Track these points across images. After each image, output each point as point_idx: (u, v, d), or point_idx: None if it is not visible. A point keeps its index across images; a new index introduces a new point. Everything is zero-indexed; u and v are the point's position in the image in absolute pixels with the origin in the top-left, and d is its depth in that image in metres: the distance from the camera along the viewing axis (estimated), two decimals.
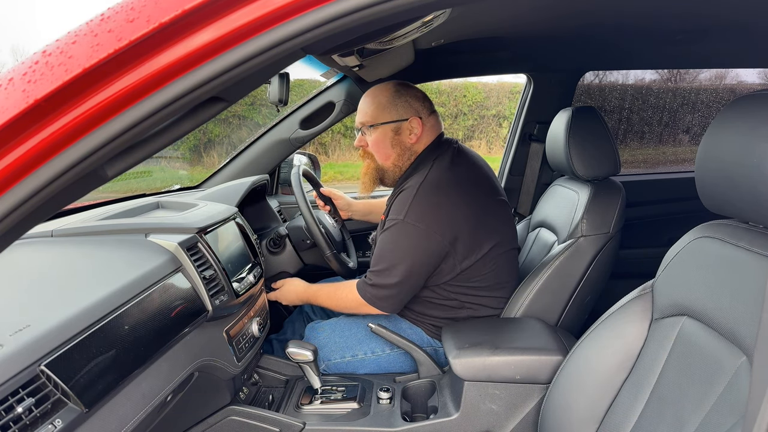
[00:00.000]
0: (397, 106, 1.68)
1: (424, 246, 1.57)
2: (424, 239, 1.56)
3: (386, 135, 1.69)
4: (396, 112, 1.68)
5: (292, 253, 2.02)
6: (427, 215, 1.56)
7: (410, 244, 1.57)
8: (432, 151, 1.70)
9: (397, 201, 1.63)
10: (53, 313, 0.96)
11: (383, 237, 1.63)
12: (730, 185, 0.94)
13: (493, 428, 1.46)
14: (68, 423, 0.88)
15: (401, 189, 1.65)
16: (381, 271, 1.60)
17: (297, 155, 2.49)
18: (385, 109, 1.69)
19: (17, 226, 0.59)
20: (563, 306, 1.67)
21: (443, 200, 1.59)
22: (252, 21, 0.57)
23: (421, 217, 1.56)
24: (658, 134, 3.50)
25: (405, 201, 1.59)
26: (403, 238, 1.58)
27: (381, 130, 1.70)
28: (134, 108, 0.58)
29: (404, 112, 1.68)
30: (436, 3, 0.64)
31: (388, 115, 1.69)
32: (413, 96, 1.70)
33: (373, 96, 1.72)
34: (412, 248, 1.58)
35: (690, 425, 0.91)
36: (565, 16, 1.62)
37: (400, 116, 1.68)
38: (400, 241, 1.58)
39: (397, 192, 1.67)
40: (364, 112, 1.72)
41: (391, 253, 1.59)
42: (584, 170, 1.71)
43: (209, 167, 3.62)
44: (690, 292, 1.03)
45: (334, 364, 1.73)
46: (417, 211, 1.56)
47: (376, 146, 1.71)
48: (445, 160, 1.67)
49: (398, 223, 1.58)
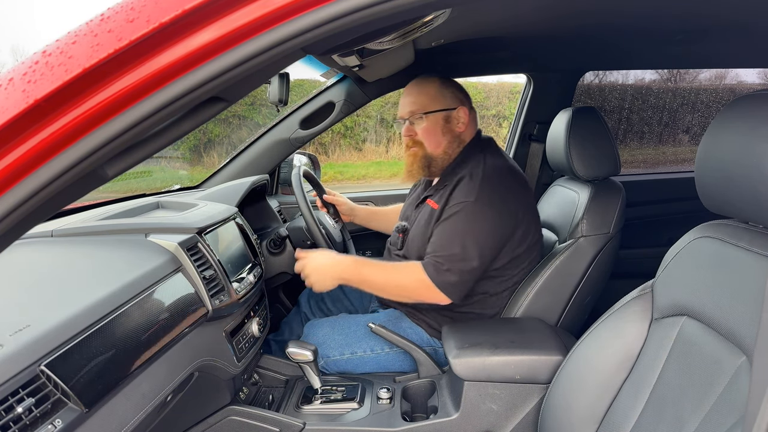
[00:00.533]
0: (446, 96, 1.73)
1: (495, 228, 1.58)
2: (497, 222, 1.58)
3: (437, 123, 1.72)
4: (445, 101, 1.72)
5: (292, 254, 2.02)
6: (496, 199, 1.59)
7: (485, 227, 1.57)
8: (477, 143, 1.75)
9: (462, 186, 1.62)
10: (53, 313, 0.96)
11: (452, 221, 1.59)
12: (730, 185, 0.94)
13: (493, 428, 1.46)
14: (68, 423, 0.88)
15: (458, 177, 1.66)
16: (455, 255, 1.55)
17: (297, 155, 2.49)
18: (435, 98, 1.72)
19: (17, 226, 0.59)
20: (563, 306, 1.67)
21: (510, 185, 1.64)
22: (252, 21, 0.57)
23: (492, 201, 1.58)
24: (658, 134, 3.50)
25: (473, 185, 1.60)
26: (479, 219, 1.57)
27: (432, 119, 1.72)
28: (134, 108, 0.58)
29: (452, 101, 1.73)
30: (436, 3, 0.64)
31: (438, 104, 1.72)
32: (457, 88, 1.76)
33: (421, 86, 1.75)
34: (487, 230, 1.57)
35: (690, 425, 0.91)
36: (565, 16, 1.62)
37: (450, 105, 1.72)
38: (476, 223, 1.57)
39: (454, 180, 1.66)
40: (411, 102, 1.74)
41: (467, 236, 1.56)
42: (584, 170, 1.71)
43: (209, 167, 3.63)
44: (690, 292, 1.03)
45: (333, 361, 1.72)
46: (487, 194, 1.58)
47: (427, 134, 1.73)
48: (494, 152, 1.72)
49: (470, 204, 1.57)
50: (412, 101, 1.74)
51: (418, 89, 1.74)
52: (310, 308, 2.06)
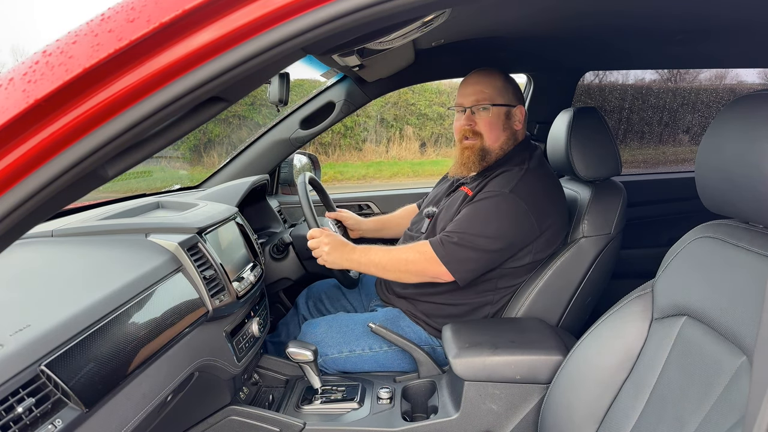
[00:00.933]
0: (509, 91, 1.72)
1: (522, 225, 1.57)
2: (525, 219, 1.57)
3: (500, 117, 1.71)
4: (509, 97, 1.71)
5: (295, 260, 2.02)
6: (531, 197, 1.58)
7: (512, 219, 1.56)
8: (528, 145, 1.75)
9: (500, 178, 1.62)
10: (53, 313, 0.96)
11: (479, 205, 1.59)
12: (730, 185, 0.94)
13: (493, 428, 1.46)
14: (68, 423, 0.88)
15: (502, 170, 1.65)
16: (471, 234, 1.54)
17: (297, 155, 2.49)
18: (501, 92, 1.71)
19: (17, 226, 0.59)
20: (564, 307, 1.67)
21: (548, 189, 1.64)
22: (252, 21, 0.57)
23: (527, 197, 1.57)
24: (658, 134, 3.50)
25: (512, 178, 1.60)
26: (508, 210, 1.56)
27: (496, 112, 1.70)
28: (134, 108, 0.58)
29: (515, 98, 1.72)
30: (436, 3, 0.64)
31: (503, 98, 1.71)
32: (517, 86, 1.75)
33: (488, 77, 1.73)
34: (513, 223, 1.56)
35: (690, 425, 0.91)
36: (566, 17, 1.62)
37: (513, 102, 1.72)
38: (503, 213, 1.56)
39: (495, 173, 1.66)
40: (480, 90, 1.71)
41: (490, 221, 1.56)
42: (585, 171, 1.70)
43: (209, 167, 3.63)
44: (690, 292, 1.03)
45: (332, 359, 1.72)
46: (523, 190, 1.58)
47: (488, 126, 1.70)
48: (540, 156, 1.72)
49: (503, 195, 1.57)
50: (479, 90, 1.70)
51: (487, 79, 1.72)
52: (308, 309, 2.05)
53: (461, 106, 1.74)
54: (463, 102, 1.73)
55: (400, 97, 9.34)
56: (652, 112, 3.44)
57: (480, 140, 1.71)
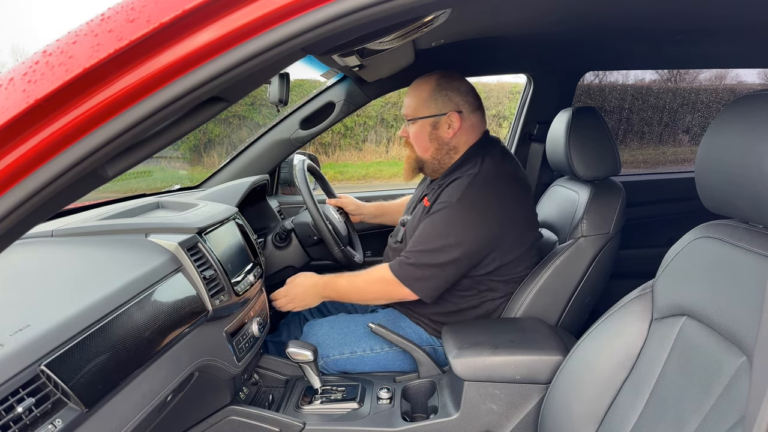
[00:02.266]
0: (436, 100, 1.70)
1: (477, 233, 1.56)
2: (479, 226, 1.56)
3: (424, 129, 1.71)
4: (435, 106, 1.70)
5: (298, 247, 2.02)
6: (482, 204, 1.57)
7: (464, 228, 1.56)
8: (482, 147, 1.72)
9: (450, 188, 1.62)
10: (53, 313, 0.96)
11: (432, 219, 1.59)
12: (730, 185, 0.94)
13: (493, 428, 1.46)
14: (68, 423, 0.88)
15: (453, 177, 1.65)
16: (427, 251, 1.56)
17: (297, 155, 2.49)
18: (425, 103, 1.70)
19: (17, 226, 0.59)
20: (563, 306, 1.67)
21: (499, 193, 1.61)
22: (252, 21, 0.57)
23: (476, 204, 1.56)
24: (658, 134, 3.50)
25: (460, 187, 1.59)
26: (458, 220, 1.56)
27: (419, 124, 1.71)
28: (134, 108, 0.58)
29: (443, 106, 1.69)
30: (436, 3, 0.64)
31: (427, 110, 1.70)
32: (456, 90, 1.70)
33: (414, 89, 1.73)
34: (464, 232, 1.56)
35: (690, 425, 0.91)
36: (566, 17, 1.62)
37: (439, 110, 1.69)
38: (454, 224, 1.56)
39: (449, 180, 1.66)
40: (406, 105, 1.74)
41: (441, 235, 1.56)
42: (584, 170, 1.71)
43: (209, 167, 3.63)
44: (690, 292, 1.03)
45: (333, 361, 1.72)
46: (474, 198, 1.57)
47: (415, 139, 1.73)
48: (496, 156, 1.69)
49: (451, 205, 1.57)
50: (406, 104, 1.74)
51: (412, 91, 1.73)
52: (309, 310, 2.06)
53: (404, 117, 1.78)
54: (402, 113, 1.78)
55: (400, 98, 9.31)
56: (652, 112, 3.44)
57: (413, 151, 1.76)
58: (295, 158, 1.99)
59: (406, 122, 1.76)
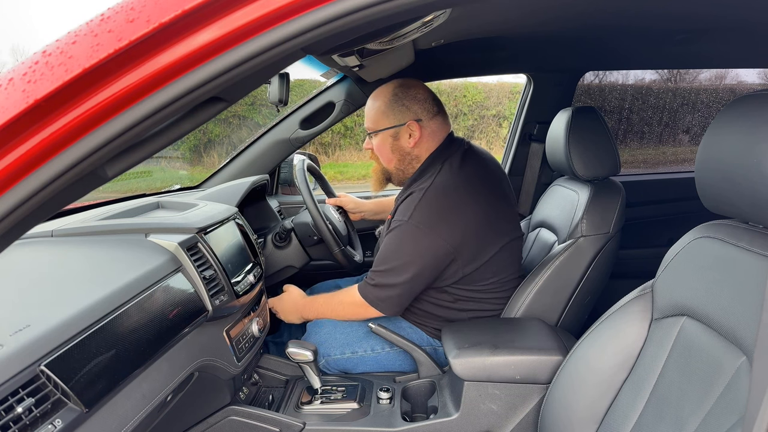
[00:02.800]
0: (395, 111, 1.67)
1: (429, 249, 1.56)
2: (430, 242, 1.55)
3: (386, 141, 1.71)
4: (394, 117, 1.68)
5: (298, 247, 2.02)
6: (433, 219, 1.56)
7: (415, 246, 1.56)
8: (441, 153, 1.69)
9: (404, 204, 1.62)
10: (53, 313, 0.96)
11: (388, 238, 1.62)
12: (730, 185, 0.94)
13: (493, 428, 1.46)
14: (68, 423, 0.88)
15: (409, 192, 1.65)
16: (385, 271, 1.59)
17: (297, 155, 2.49)
18: (383, 115, 1.69)
19: (17, 226, 0.59)
20: (563, 306, 1.67)
21: (451, 205, 1.58)
22: (252, 21, 0.57)
23: (427, 220, 1.55)
24: (658, 134, 3.50)
25: (411, 204, 1.59)
26: (409, 239, 1.57)
27: (381, 137, 1.71)
28: (134, 108, 0.58)
29: (402, 116, 1.67)
30: (436, 3, 0.64)
31: (386, 121, 1.69)
32: (413, 98, 1.67)
33: (372, 101, 1.73)
34: (417, 250, 1.57)
35: (690, 425, 0.91)
36: (566, 17, 1.62)
37: (398, 121, 1.67)
38: (405, 243, 1.58)
39: (405, 194, 1.66)
40: (367, 117, 1.74)
41: (395, 254, 1.58)
42: (584, 170, 1.71)
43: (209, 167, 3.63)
44: (690, 292, 1.03)
45: (334, 360, 1.73)
46: (423, 214, 1.56)
47: (378, 151, 1.74)
48: (454, 163, 1.65)
49: (403, 224, 1.57)
50: (367, 117, 1.74)
51: (371, 104, 1.73)
52: None
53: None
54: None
55: None
56: (652, 112, 3.44)
57: (379, 163, 1.77)
58: (295, 158, 1.99)
59: (368, 135, 1.76)
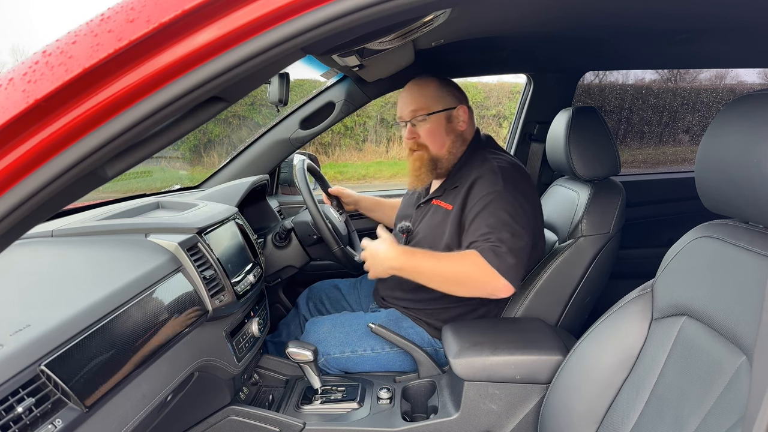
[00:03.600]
0: (446, 94, 1.73)
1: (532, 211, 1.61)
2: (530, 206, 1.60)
3: (440, 124, 1.71)
4: (446, 100, 1.72)
5: (298, 247, 2.02)
6: (521, 184, 1.61)
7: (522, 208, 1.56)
8: (479, 142, 1.77)
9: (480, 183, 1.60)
10: (53, 313, 0.96)
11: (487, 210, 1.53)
12: (730, 185, 0.94)
13: (493, 428, 1.46)
14: (68, 423, 0.88)
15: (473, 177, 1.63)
16: (505, 239, 1.47)
17: (297, 155, 2.49)
18: (436, 98, 1.72)
19: (17, 226, 0.59)
20: (563, 306, 1.67)
21: (524, 185, 1.64)
22: (252, 21, 0.57)
23: (518, 185, 1.60)
24: (658, 134, 3.50)
25: (493, 177, 1.59)
26: (514, 203, 1.55)
27: (434, 120, 1.71)
28: (134, 108, 0.58)
29: (452, 100, 1.73)
30: (436, 3, 0.64)
31: (440, 104, 1.71)
32: (455, 87, 1.77)
33: (420, 87, 1.74)
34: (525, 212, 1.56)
35: (690, 425, 0.91)
36: (565, 17, 1.62)
37: (451, 104, 1.72)
38: (513, 206, 1.54)
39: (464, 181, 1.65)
40: (414, 102, 1.72)
41: (509, 219, 1.51)
42: (584, 170, 1.71)
43: (209, 167, 3.63)
44: (690, 292, 1.03)
45: (334, 359, 1.72)
46: (512, 180, 1.59)
47: (431, 135, 1.72)
48: (497, 148, 1.74)
49: (499, 191, 1.55)
50: (414, 101, 1.73)
51: (419, 90, 1.74)
52: (308, 310, 2.05)
53: (402, 120, 1.76)
54: (402, 115, 1.75)
55: (399, 99, 9.33)
56: (652, 112, 3.44)
57: (426, 151, 1.73)
58: (295, 158, 2.00)
59: (411, 123, 1.72)
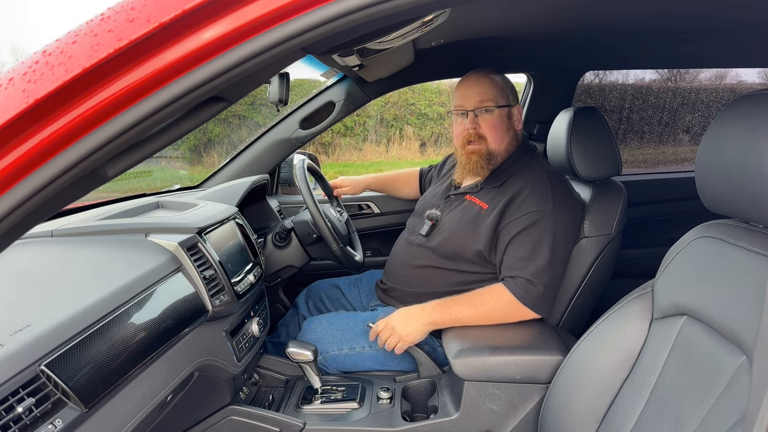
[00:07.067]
0: (508, 92, 1.70)
1: (573, 234, 1.58)
2: (573, 227, 1.58)
3: (502, 118, 1.69)
4: (509, 97, 1.70)
5: (298, 247, 2.02)
6: (570, 204, 1.60)
7: (566, 234, 1.56)
8: (528, 145, 1.75)
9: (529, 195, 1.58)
10: (53, 313, 0.96)
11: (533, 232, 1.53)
12: (730, 185, 0.94)
13: (493, 428, 1.46)
14: (68, 423, 0.88)
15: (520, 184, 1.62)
16: (541, 268, 1.51)
17: (297, 155, 2.49)
18: (503, 92, 1.69)
19: (17, 226, 0.59)
20: (565, 307, 1.67)
21: (571, 202, 1.62)
22: (252, 21, 0.57)
23: (567, 205, 1.58)
24: (658, 134, 3.50)
25: (543, 192, 1.57)
26: (560, 228, 1.54)
27: (499, 114, 1.68)
28: (134, 108, 0.58)
29: (513, 98, 1.70)
30: (436, 3, 0.64)
31: (505, 99, 1.69)
32: (512, 85, 1.73)
33: (489, 79, 1.70)
34: (567, 239, 1.56)
35: (690, 425, 0.91)
36: (566, 17, 1.62)
37: (513, 102, 1.70)
38: (558, 232, 1.54)
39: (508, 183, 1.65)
40: (483, 92, 1.67)
41: (552, 246, 1.52)
42: (586, 171, 1.70)
43: (209, 167, 3.63)
44: (690, 292, 1.03)
45: (332, 356, 1.72)
46: (561, 199, 1.58)
47: (493, 129, 1.67)
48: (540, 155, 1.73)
49: (549, 212, 1.54)
50: (482, 91, 1.67)
51: (487, 80, 1.69)
52: (307, 309, 2.05)
53: (462, 108, 1.69)
54: (464, 104, 1.69)
55: (400, 97, 9.33)
56: (652, 112, 3.44)
57: (485, 143, 1.68)
58: (295, 158, 2.00)
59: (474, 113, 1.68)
